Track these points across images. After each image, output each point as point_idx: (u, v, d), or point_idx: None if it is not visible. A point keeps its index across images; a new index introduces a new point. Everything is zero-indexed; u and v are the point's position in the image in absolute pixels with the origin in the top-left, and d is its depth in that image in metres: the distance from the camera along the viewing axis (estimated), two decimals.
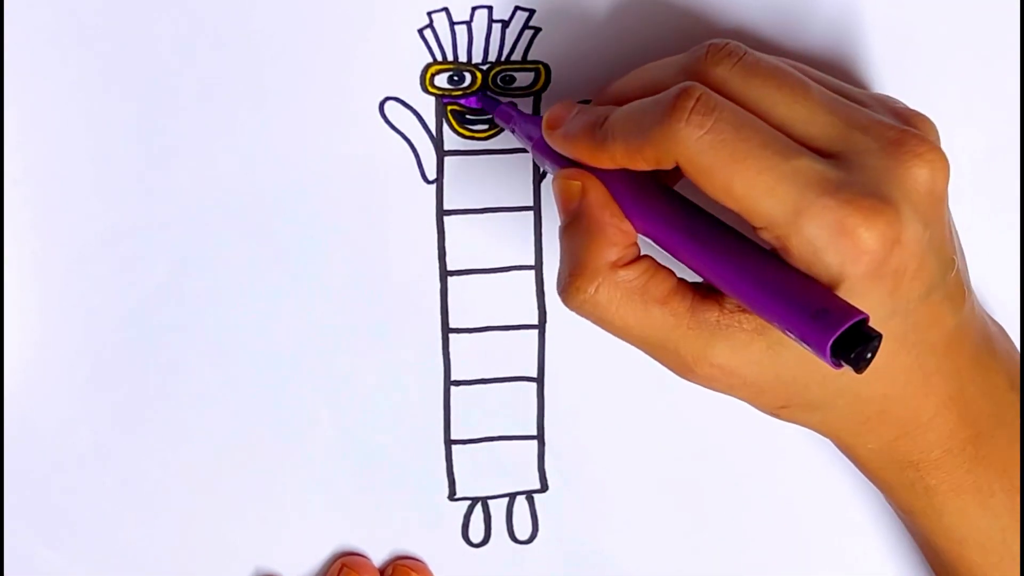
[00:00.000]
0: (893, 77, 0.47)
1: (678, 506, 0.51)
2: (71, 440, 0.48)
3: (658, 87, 0.39)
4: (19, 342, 0.46)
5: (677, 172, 0.39)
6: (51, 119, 0.45)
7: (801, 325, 0.36)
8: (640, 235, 0.40)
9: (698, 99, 0.37)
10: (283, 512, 0.49)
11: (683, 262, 0.40)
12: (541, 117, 0.43)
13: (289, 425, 0.48)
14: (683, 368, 0.40)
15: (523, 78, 0.46)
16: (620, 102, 0.41)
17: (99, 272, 0.46)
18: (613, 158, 0.40)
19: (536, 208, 0.47)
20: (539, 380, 0.49)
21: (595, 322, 0.41)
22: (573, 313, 0.41)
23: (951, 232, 0.41)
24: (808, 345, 0.36)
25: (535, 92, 0.46)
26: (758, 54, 0.40)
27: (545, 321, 0.49)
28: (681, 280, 0.40)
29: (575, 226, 0.41)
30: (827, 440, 0.44)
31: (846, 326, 0.35)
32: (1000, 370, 0.43)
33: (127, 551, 0.49)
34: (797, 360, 0.39)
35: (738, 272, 0.38)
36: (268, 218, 0.46)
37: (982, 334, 0.43)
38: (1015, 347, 0.45)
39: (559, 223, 0.41)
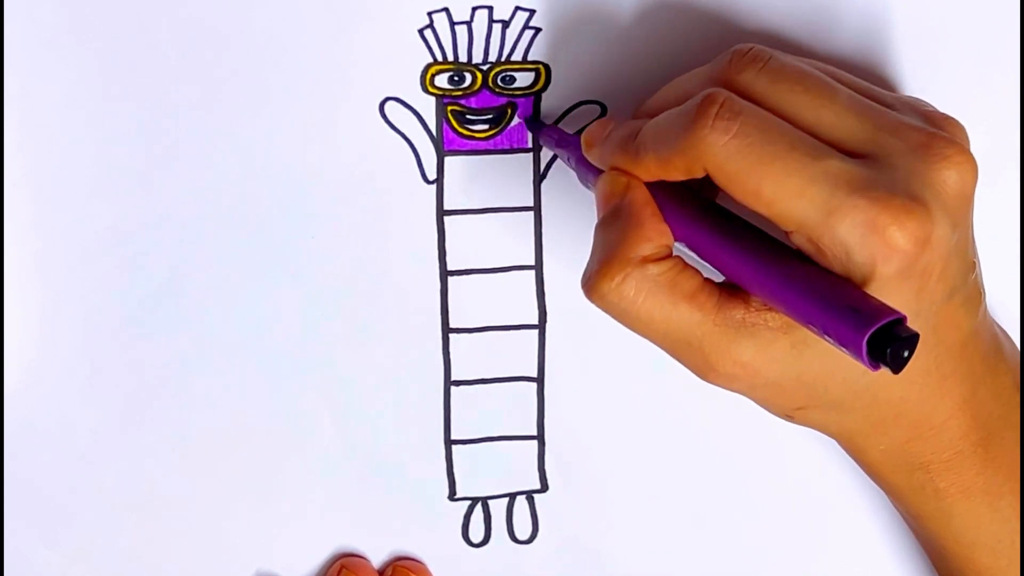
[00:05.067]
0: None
1: (678, 506, 0.51)
2: (71, 440, 0.48)
3: (688, 99, 0.39)
4: (19, 342, 0.46)
5: (715, 185, 0.39)
6: (51, 119, 0.45)
7: (836, 325, 0.36)
8: (677, 244, 0.41)
9: (722, 104, 0.37)
10: (283, 512, 0.49)
11: (717, 266, 0.40)
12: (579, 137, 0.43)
13: (289, 425, 0.48)
14: (705, 366, 0.40)
15: (523, 78, 0.46)
16: (654, 117, 0.41)
17: (99, 272, 0.46)
18: (648, 170, 0.40)
19: (536, 208, 0.47)
20: (539, 380, 0.49)
21: (618, 316, 0.40)
22: (584, 310, 0.40)
23: (973, 236, 0.41)
24: (843, 346, 0.35)
25: (535, 92, 0.46)
26: (783, 57, 0.40)
27: (545, 321, 0.49)
28: (708, 279, 0.40)
29: (613, 218, 0.40)
30: (830, 440, 0.44)
31: (881, 324, 0.34)
32: (1008, 372, 0.43)
33: (127, 551, 0.49)
34: (820, 360, 0.39)
35: (773, 274, 0.38)
36: (268, 218, 0.46)
37: (992, 336, 0.43)
38: (1017, 349, 0.45)
39: (596, 219, 0.41)
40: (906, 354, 0.35)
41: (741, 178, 0.37)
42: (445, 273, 0.48)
